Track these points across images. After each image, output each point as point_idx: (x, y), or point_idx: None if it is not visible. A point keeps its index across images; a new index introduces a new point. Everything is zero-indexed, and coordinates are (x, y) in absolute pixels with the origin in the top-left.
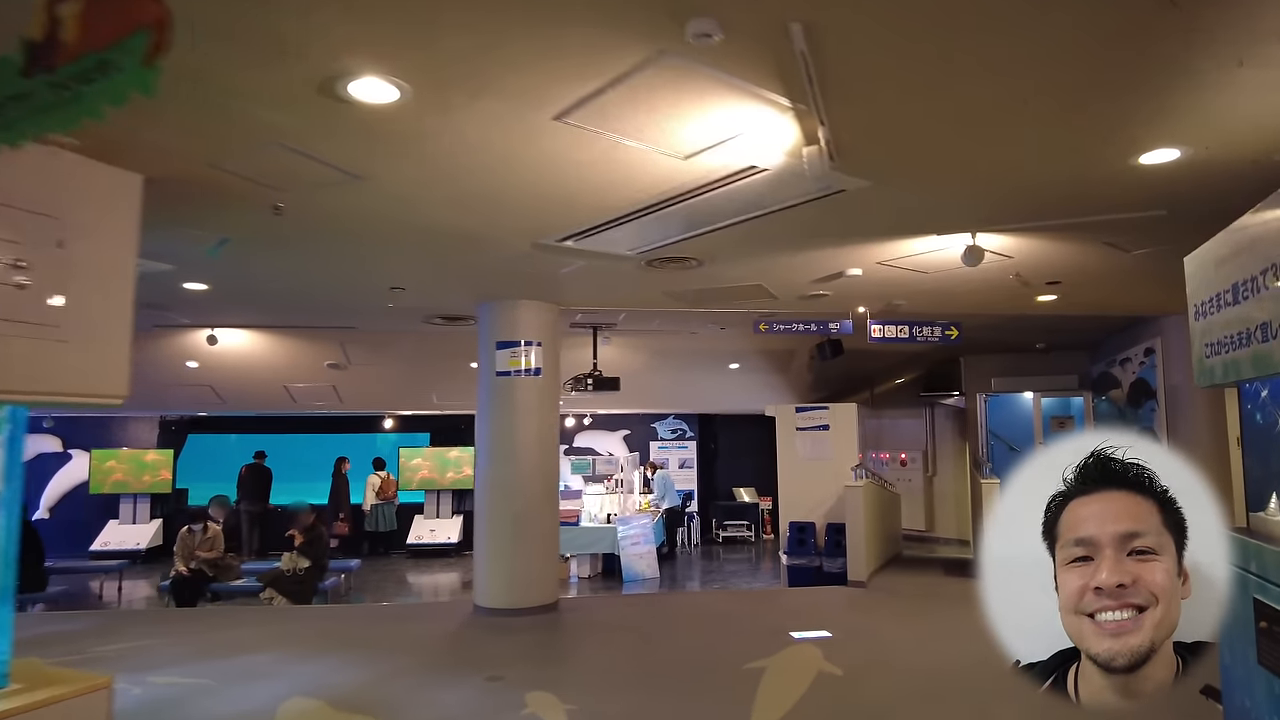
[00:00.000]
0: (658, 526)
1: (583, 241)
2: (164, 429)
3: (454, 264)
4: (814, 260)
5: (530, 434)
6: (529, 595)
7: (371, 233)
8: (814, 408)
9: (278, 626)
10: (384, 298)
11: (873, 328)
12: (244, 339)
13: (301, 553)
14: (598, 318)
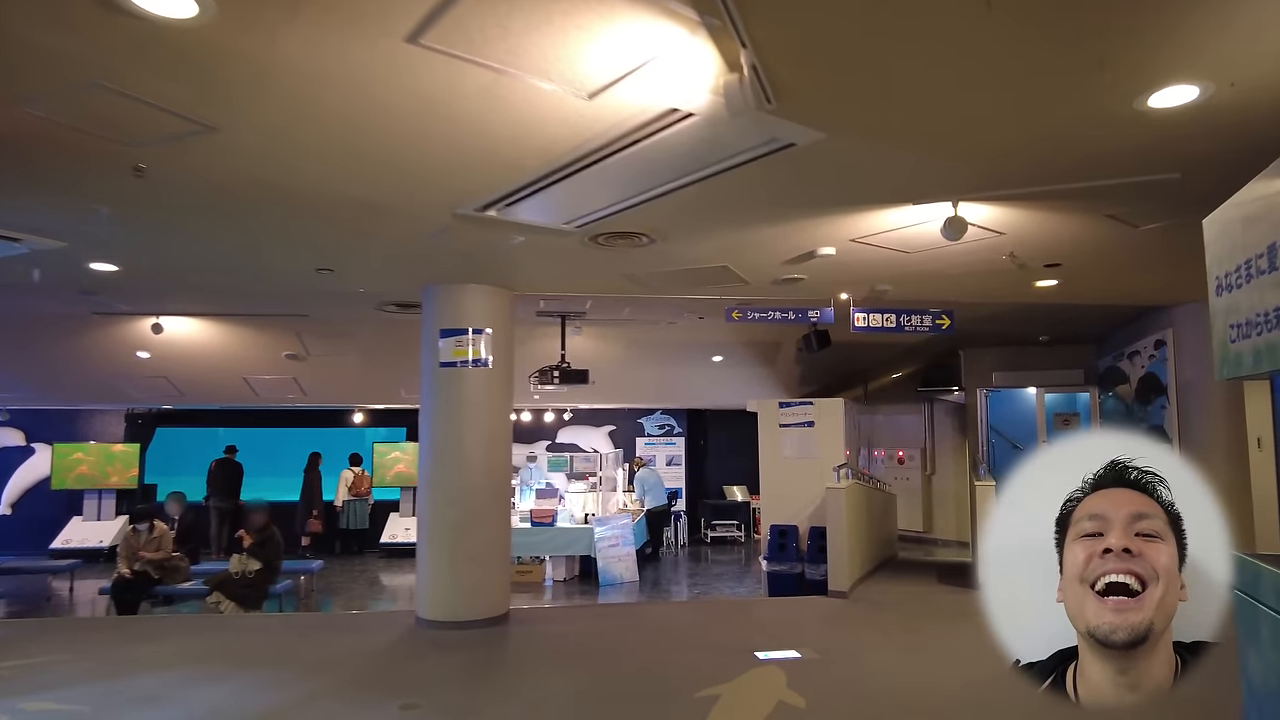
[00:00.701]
0: (639, 527)
1: (508, 211)
2: (130, 422)
3: (374, 241)
4: (780, 237)
5: (478, 431)
6: (474, 607)
7: (256, 202)
8: (798, 403)
9: (203, 639)
10: (314, 281)
11: (856, 316)
12: (194, 328)
13: (252, 554)
14: (564, 306)
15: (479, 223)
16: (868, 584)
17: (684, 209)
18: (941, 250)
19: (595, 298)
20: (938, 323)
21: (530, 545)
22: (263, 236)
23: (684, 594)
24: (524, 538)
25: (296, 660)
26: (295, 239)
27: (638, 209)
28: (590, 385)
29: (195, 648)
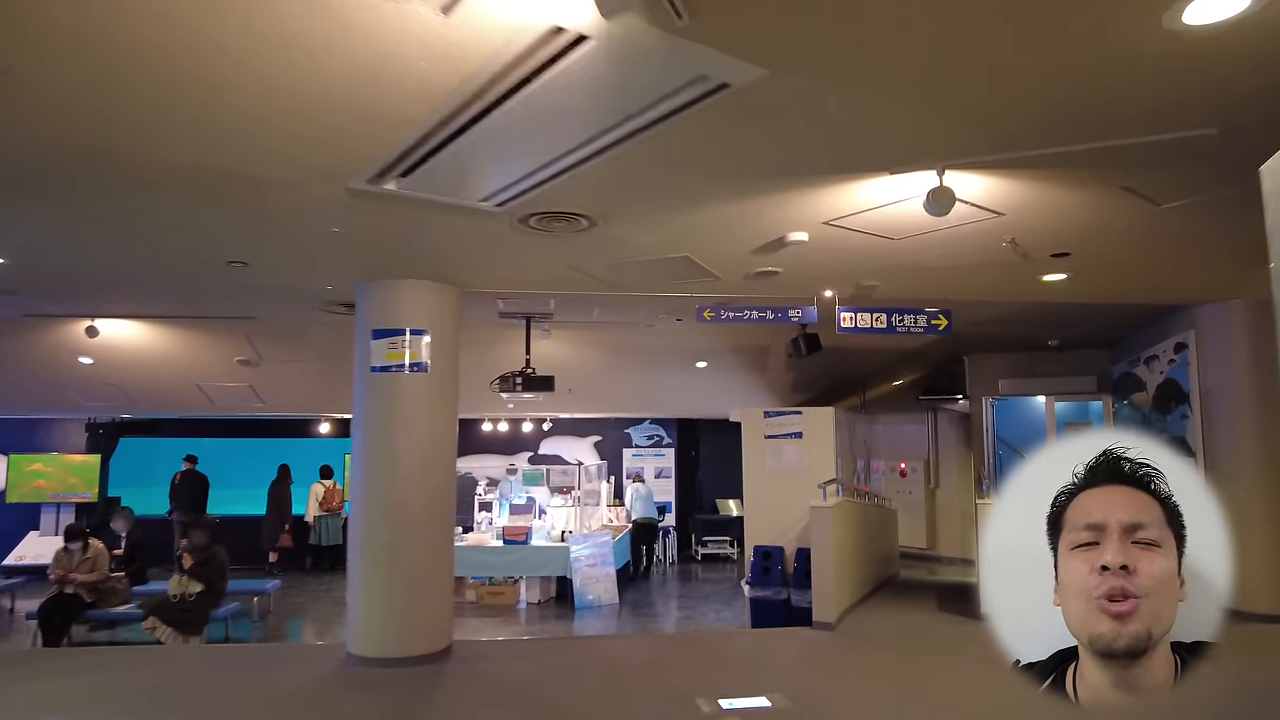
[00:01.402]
0: (620, 545)
1: (409, 184)
2: (92, 432)
3: (276, 229)
4: (741, 219)
5: (415, 442)
6: (409, 641)
7: (95, 175)
8: (786, 412)
9: (103, 675)
10: (230, 277)
11: (842, 316)
12: (137, 332)
13: (193, 575)
14: (526, 306)
15: (381, 201)
16: (859, 612)
17: (618, 180)
18: (931, 235)
19: (558, 297)
20: (934, 323)
21: (501, 565)
22: (142, 223)
23: (665, 619)
24: (495, 557)
25: (198, 704)
26: (182, 226)
27: (564, 181)
28: (561, 393)
29: (83, 688)
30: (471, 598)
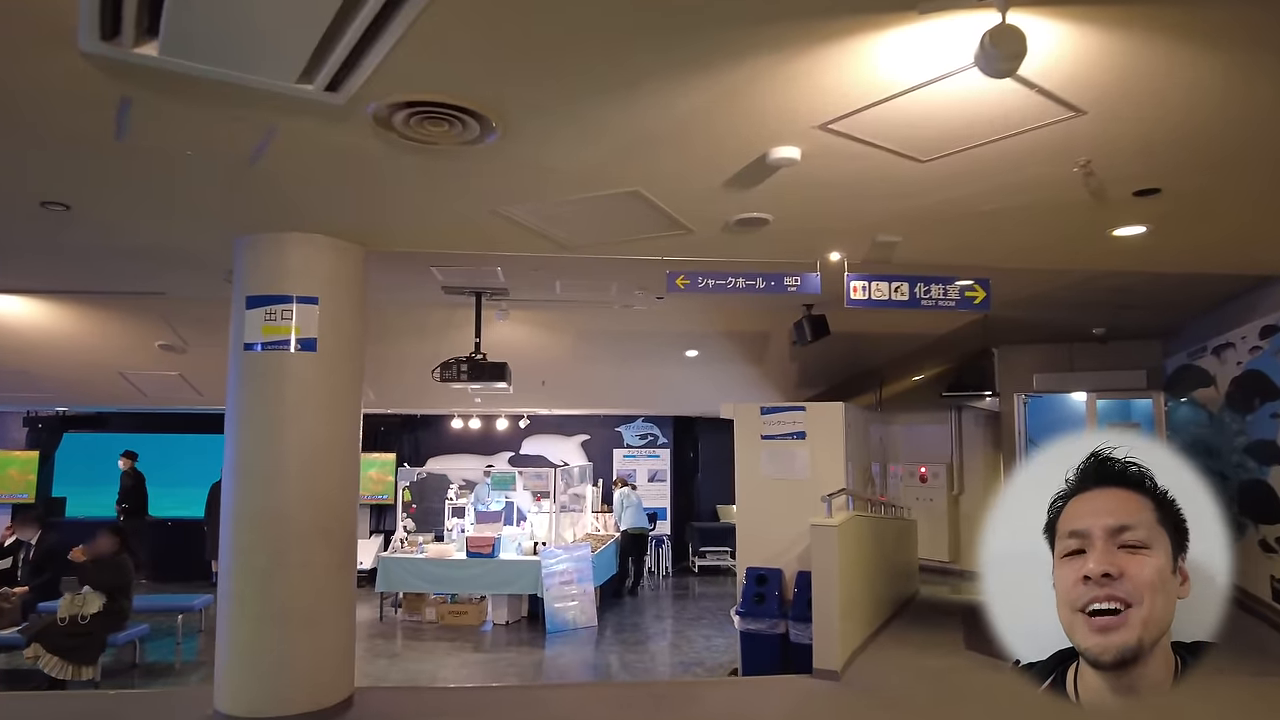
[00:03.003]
0: (602, 558)
1: (173, 47)
2: (31, 426)
3: (51, 135)
4: (700, 121)
5: (300, 441)
6: (289, 696)
7: None
8: (786, 409)
9: None
10: (58, 228)
11: (852, 285)
12: (31, 310)
13: (95, 588)
14: (470, 278)
15: (154, 84)
16: (871, 654)
17: (497, 41)
18: (973, 154)
19: (504, 265)
20: (969, 295)
21: (464, 580)
22: None
23: (646, 647)
24: (457, 571)
25: None
26: None
27: (415, 39)
28: (532, 386)
29: None
30: (432, 617)
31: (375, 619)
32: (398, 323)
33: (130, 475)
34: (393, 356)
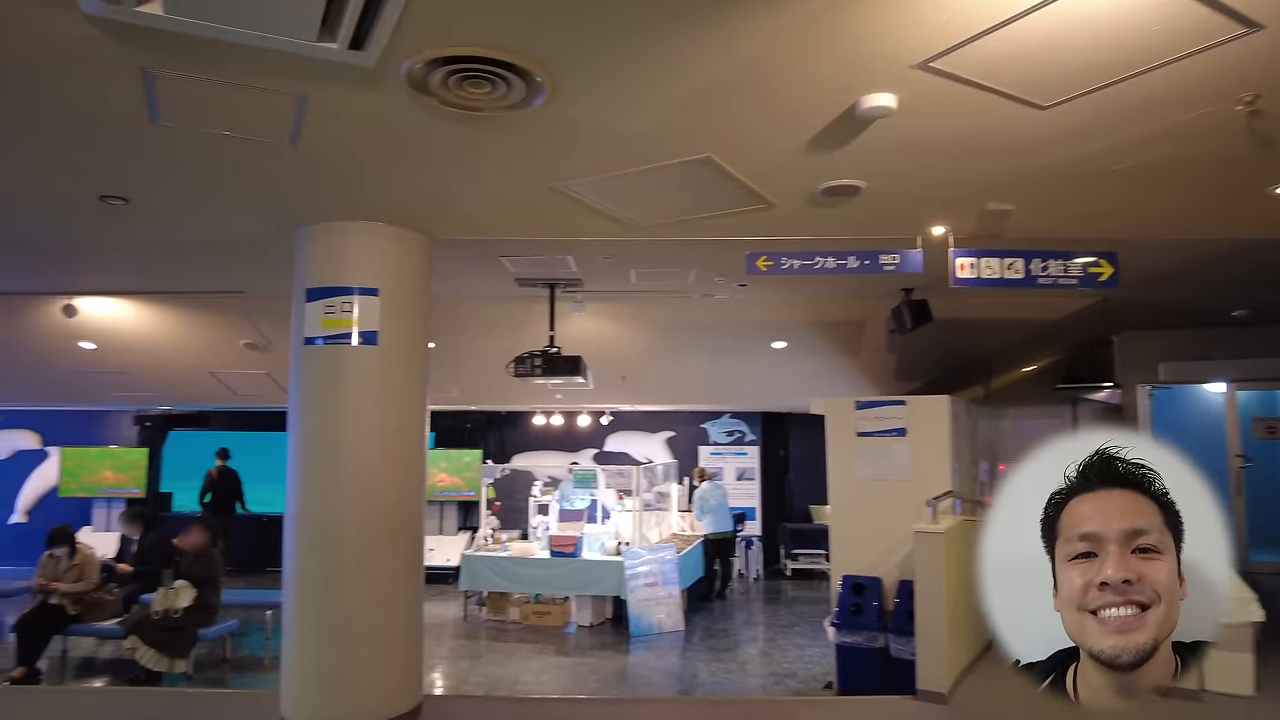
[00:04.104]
0: (688, 560)
1: (179, 4)
2: (140, 425)
3: (74, 113)
4: (779, 67)
5: (363, 441)
6: (354, 705)
7: None
8: (884, 402)
9: None
10: (109, 221)
11: (958, 263)
12: (126, 312)
13: (186, 580)
14: (543, 268)
15: (158, 47)
16: (981, 673)
17: None
18: (1105, 94)
19: (574, 251)
20: (1093, 272)
21: (547, 581)
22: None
23: (736, 655)
24: (540, 571)
25: None
26: None
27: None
28: (612, 381)
29: None
30: (516, 617)
31: (460, 618)
32: (474, 317)
33: (218, 471)
34: (473, 352)
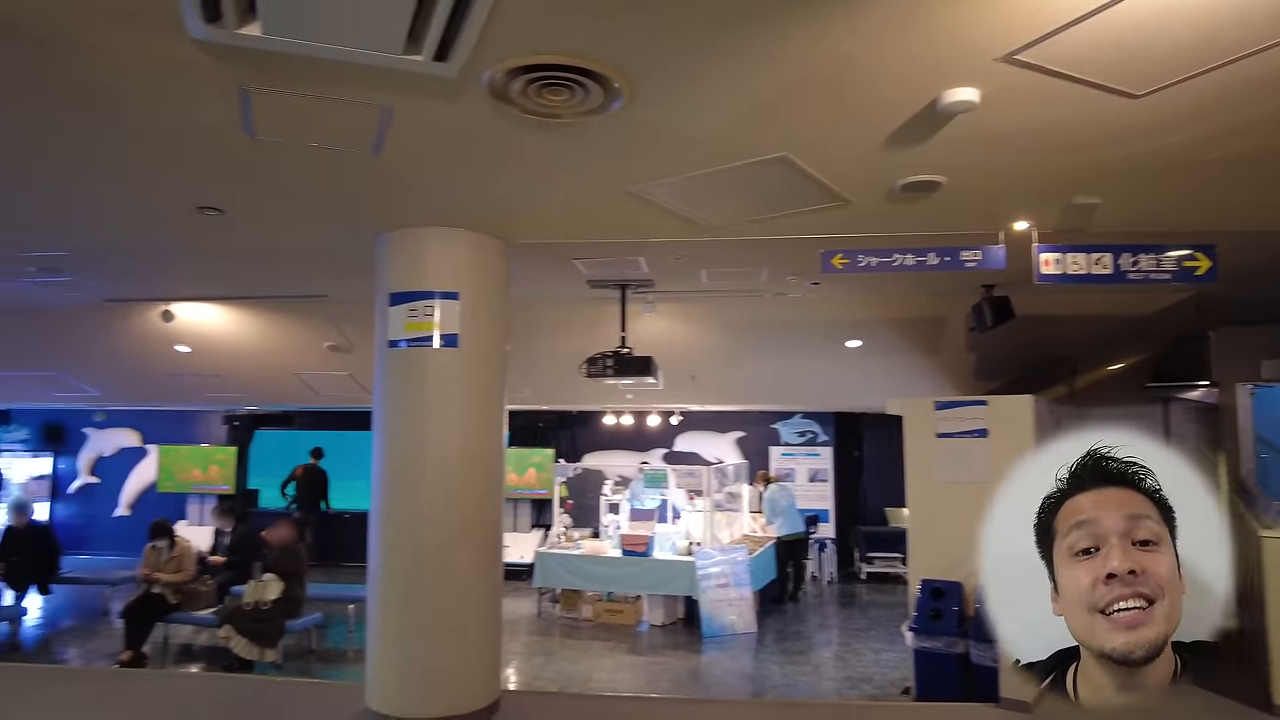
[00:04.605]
0: (760, 562)
1: (274, 24)
2: (229, 424)
3: (177, 135)
4: (858, 64)
5: (444, 440)
6: (435, 699)
7: None
8: (964, 403)
9: (76, 708)
10: (216, 232)
11: (1043, 258)
12: (218, 317)
13: (274, 573)
14: (614, 270)
15: (258, 66)
16: None
17: None
18: (1207, 82)
19: (646, 253)
20: (1188, 266)
21: (619, 579)
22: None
23: (810, 658)
24: (612, 569)
25: None
26: (79, 141)
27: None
28: (682, 381)
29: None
30: (588, 614)
31: (534, 615)
32: (547, 318)
33: (305, 469)
34: (545, 353)
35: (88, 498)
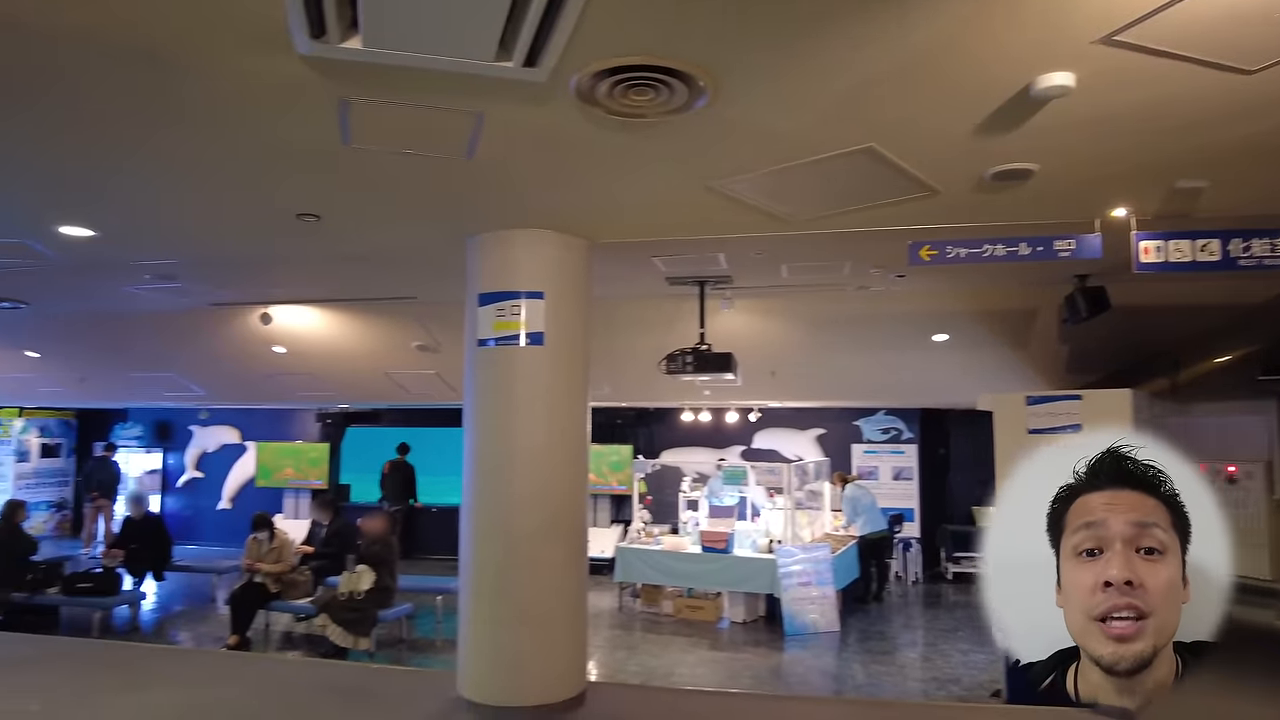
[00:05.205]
0: (843, 561)
1: (375, 37)
2: (321, 422)
3: (291, 145)
4: (949, 51)
5: (531, 436)
6: (523, 688)
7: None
8: (1058, 397)
9: (185, 688)
10: (313, 237)
11: (1142, 246)
12: (313, 319)
13: (367, 563)
14: (693, 266)
15: (360, 80)
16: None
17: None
18: None
19: (725, 249)
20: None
21: (699, 575)
22: (161, 154)
23: (895, 658)
24: (691, 565)
25: None
26: (187, 153)
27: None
28: (762, 377)
29: (169, 699)
30: (669, 609)
31: (615, 609)
32: (625, 317)
33: (391, 465)
34: (623, 350)
35: (193, 491)
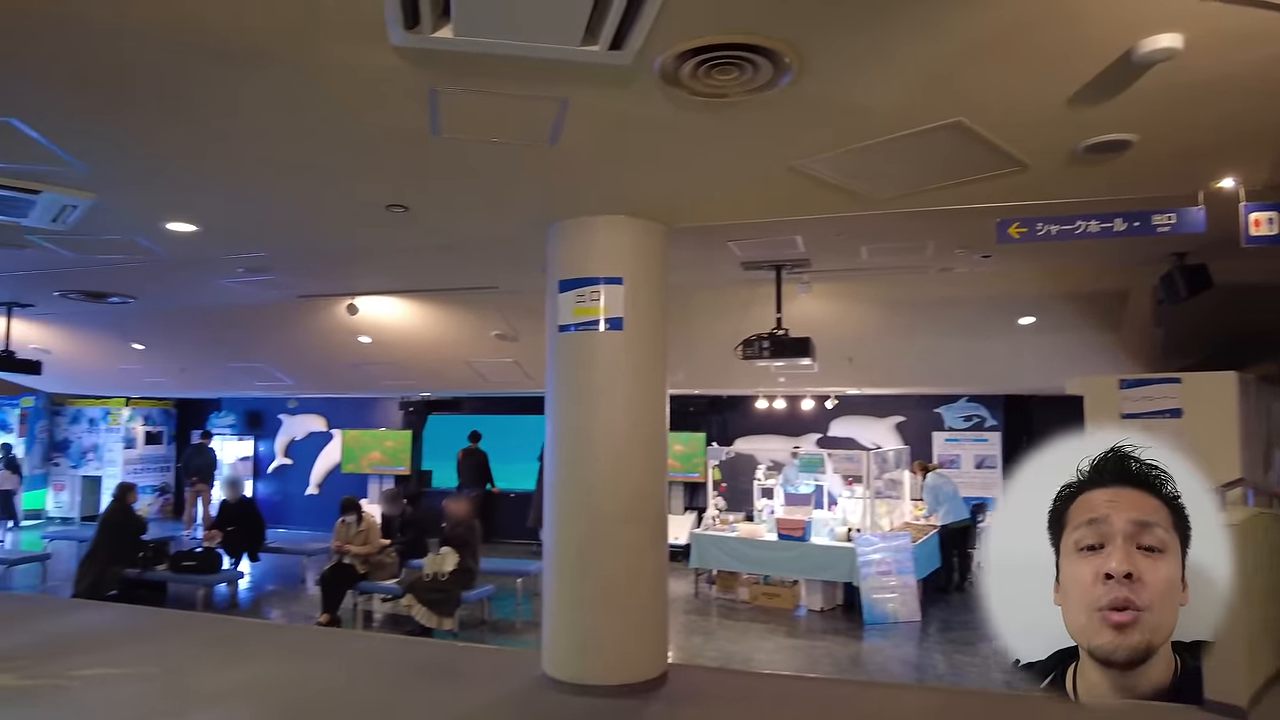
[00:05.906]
0: (924, 550)
1: (466, 25)
2: (404, 410)
3: (380, 137)
4: (1040, 17)
5: (611, 420)
6: (604, 667)
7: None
8: (1154, 380)
9: (280, 662)
10: (401, 228)
11: (1251, 219)
12: (398, 309)
13: (450, 546)
14: (770, 251)
15: (453, 69)
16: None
17: None
18: None
19: (804, 231)
20: None
21: (775, 563)
22: (253, 151)
23: (977, 650)
24: (768, 553)
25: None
26: (281, 149)
27: None
28: (838, 364)
29: (260, 672)
30: (745, 596)
31: (690, 595)
32: (699, 303)
33: (464, 453)
34: (697, 337)
35: (283, 477)
